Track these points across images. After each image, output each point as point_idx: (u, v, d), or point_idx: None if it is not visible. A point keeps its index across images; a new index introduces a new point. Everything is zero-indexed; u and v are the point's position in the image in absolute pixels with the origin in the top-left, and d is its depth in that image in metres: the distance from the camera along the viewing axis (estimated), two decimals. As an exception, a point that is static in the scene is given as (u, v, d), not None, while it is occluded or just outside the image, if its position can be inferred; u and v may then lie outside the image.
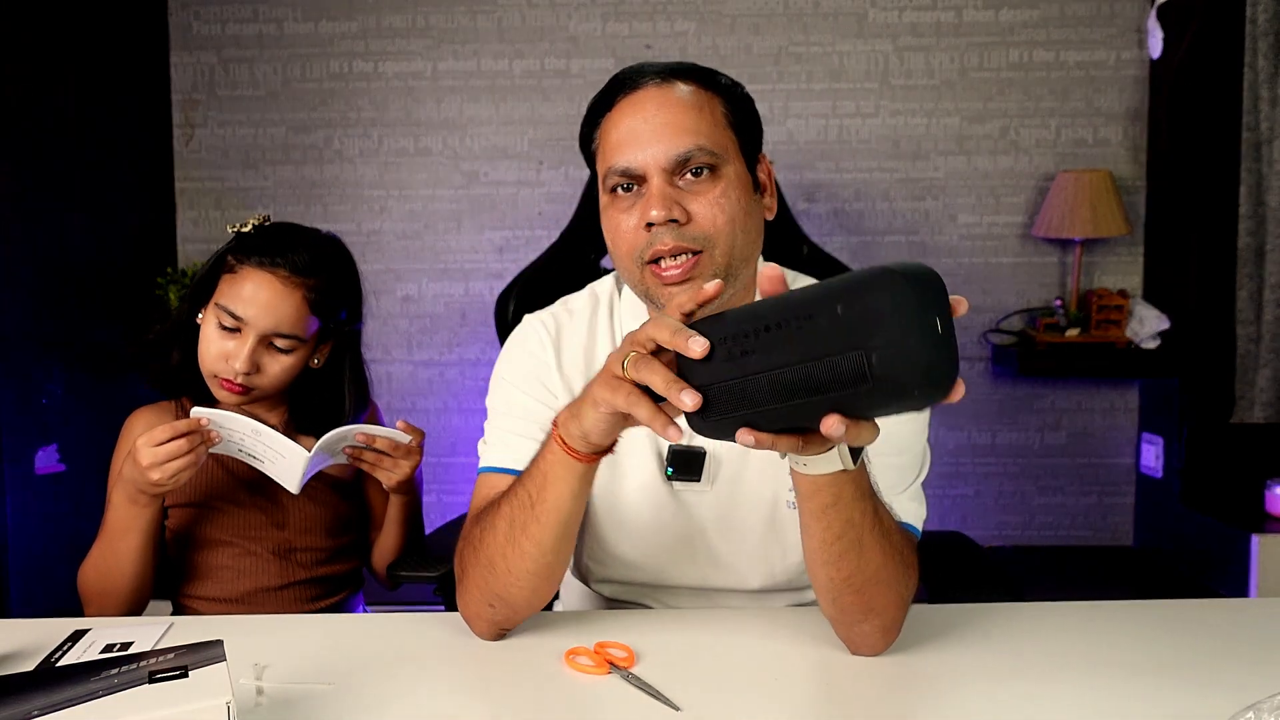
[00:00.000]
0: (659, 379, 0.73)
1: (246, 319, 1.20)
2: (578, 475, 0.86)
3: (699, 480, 1.06)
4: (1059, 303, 2.58)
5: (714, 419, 0.71)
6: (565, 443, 0.85)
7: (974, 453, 2.76)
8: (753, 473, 1.07)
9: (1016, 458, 2.76)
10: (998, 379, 2.74)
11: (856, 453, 0.79)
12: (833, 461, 0.78)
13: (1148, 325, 2.50)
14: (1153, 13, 2.54)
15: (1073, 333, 2.53)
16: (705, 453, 1.06)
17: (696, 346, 0.70)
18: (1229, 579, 2.27)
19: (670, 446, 1.06)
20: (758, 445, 0.71)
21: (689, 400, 0.70)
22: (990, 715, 0.81)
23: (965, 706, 0.83)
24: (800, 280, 1.16)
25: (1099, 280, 2.70)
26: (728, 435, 0.72)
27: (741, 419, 0.70)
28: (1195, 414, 2.50)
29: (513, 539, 0.90)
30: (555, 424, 0.86)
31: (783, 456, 0.80)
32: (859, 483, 0.83)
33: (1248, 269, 2.43)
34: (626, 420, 0.80)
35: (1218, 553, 2.33)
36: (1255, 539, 2.18)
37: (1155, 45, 2.55)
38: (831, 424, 0.65)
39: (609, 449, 0.86)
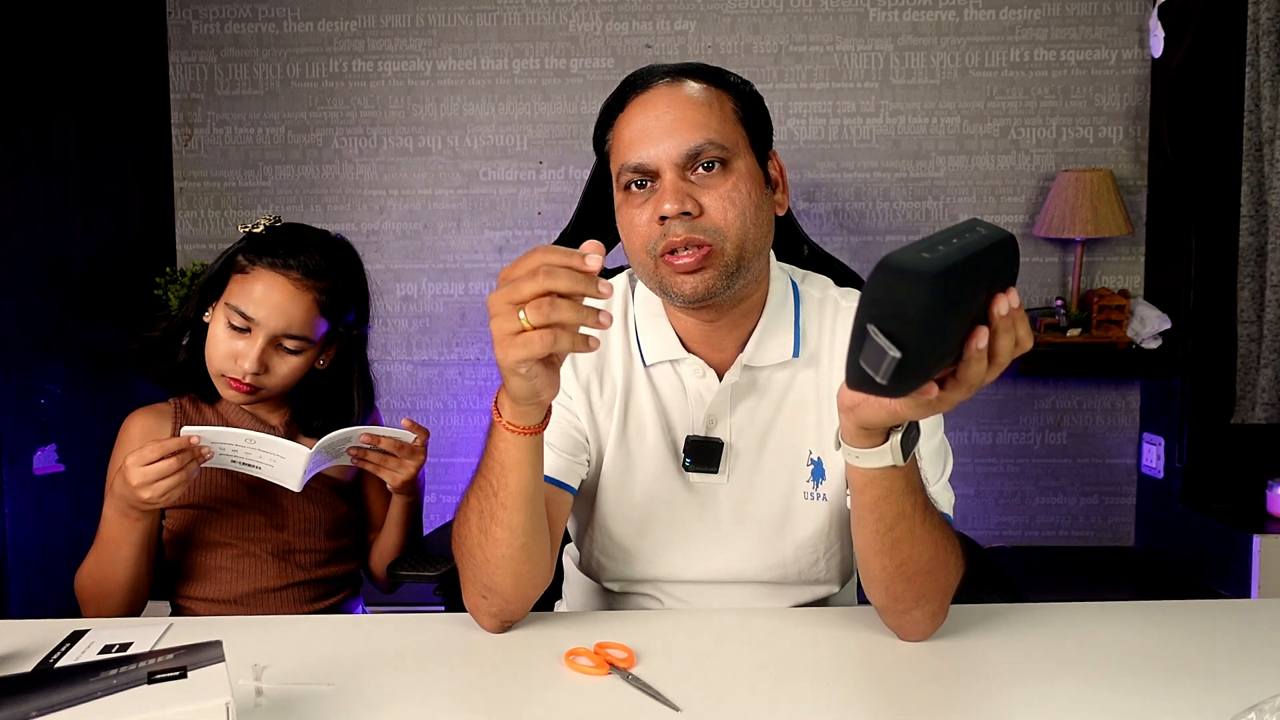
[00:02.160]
0: (570, 314, 0.74)
1: (257, 319, 1.20)
2: (531, 448, 0.88)
3: (716, 471, 1.07)
4: (1060, 302, 2.57)
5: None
6: (510, 424, 0.86)
7: (974, 453, 2.75)
8: (769, 464, 1.08)
9: (1017, 458, 2.76)
10: (998, 379, 2.73)
11: (908, 450, 0.82)
12: (884, 456, 0.82)
13: (1149, 325, 2.50)
14: (1154, 12, 2.53)
15: (1074, 333, 2.52)
16: (723, 443, 1.07)
17: (594, 261, 0.74)
18: (1230, 579, 2.26)
19: (688, 437, 1.07)
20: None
21: (605, 289, 0.75)
22: (991, 716, 0.80)
23: (966, 707, 0.83)
24: (809, 277, 1.16)
25: (1100, 280, 2.69)
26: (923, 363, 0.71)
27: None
28: (1196, 414, 2.49)
29: (485, 529, 0.92)
30: (495, 410, 0.88)
31: (837, 448, 0.85)
32: (910, 477, 0.86)
33: (1249, 268, 2.43)
34: (550, 365, 0.82)
35: (1219, 553, 2.32)
36: (1257, 539, 2.18)
37: (1156, 44, 2.55)
38: (1010, 298, 0.73)
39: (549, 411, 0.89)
